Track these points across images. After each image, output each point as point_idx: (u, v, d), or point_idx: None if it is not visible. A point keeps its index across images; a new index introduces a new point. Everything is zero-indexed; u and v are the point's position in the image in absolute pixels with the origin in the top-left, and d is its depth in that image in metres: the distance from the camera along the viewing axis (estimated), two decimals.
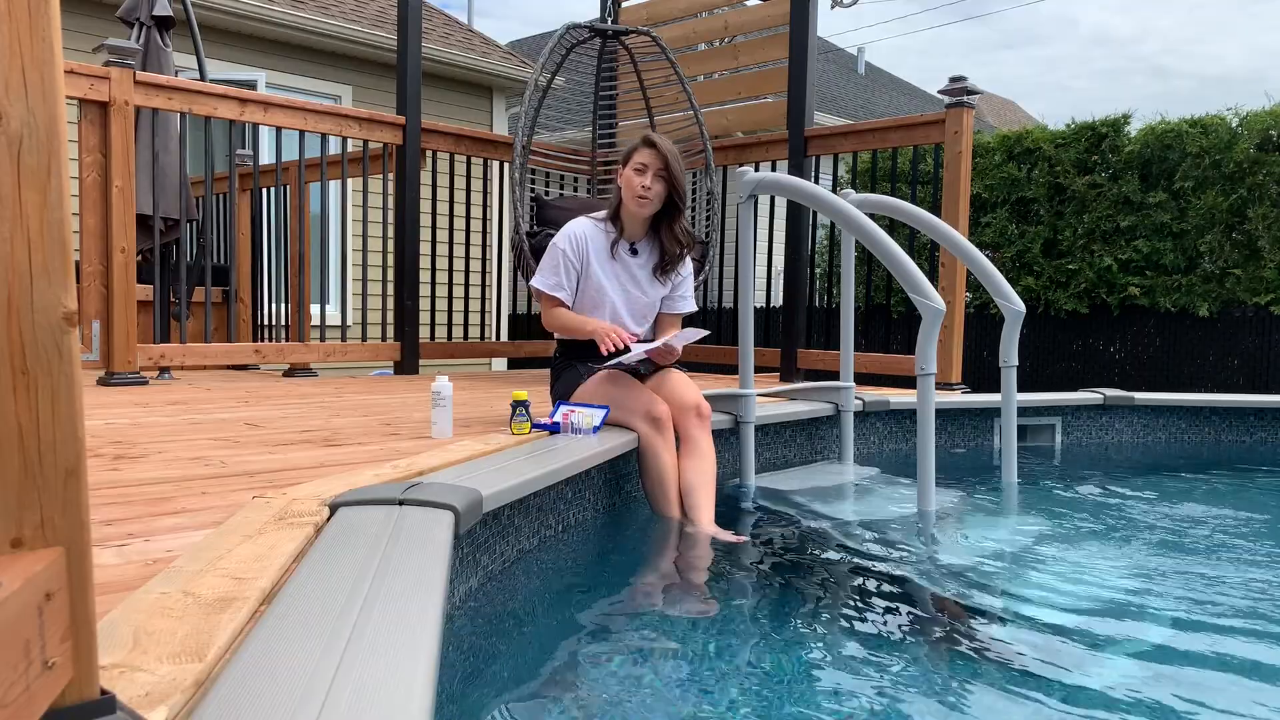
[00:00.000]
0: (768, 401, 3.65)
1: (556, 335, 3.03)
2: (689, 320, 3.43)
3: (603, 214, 2.95)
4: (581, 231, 2.90)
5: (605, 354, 2.72)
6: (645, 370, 2.93)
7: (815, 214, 5.12)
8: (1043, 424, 4.32)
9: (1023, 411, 4.01)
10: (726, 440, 3.18)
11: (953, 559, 2.58)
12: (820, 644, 1.84)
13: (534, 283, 2.93)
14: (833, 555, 2.58)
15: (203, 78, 5.24)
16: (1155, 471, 3.88)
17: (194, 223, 5.48)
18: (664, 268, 2.93)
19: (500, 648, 1.74)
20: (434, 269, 5.40)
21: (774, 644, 1.81)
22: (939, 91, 4.56)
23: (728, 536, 2.59)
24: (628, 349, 2.70)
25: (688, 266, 3.02)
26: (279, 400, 3.71)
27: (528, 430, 2.66)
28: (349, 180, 5.70)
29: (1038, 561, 2.50)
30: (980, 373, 7.04)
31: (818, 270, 5.71)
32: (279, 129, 4.74)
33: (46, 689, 0.77)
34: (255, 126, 4.92)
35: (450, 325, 5.61)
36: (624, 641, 1.79)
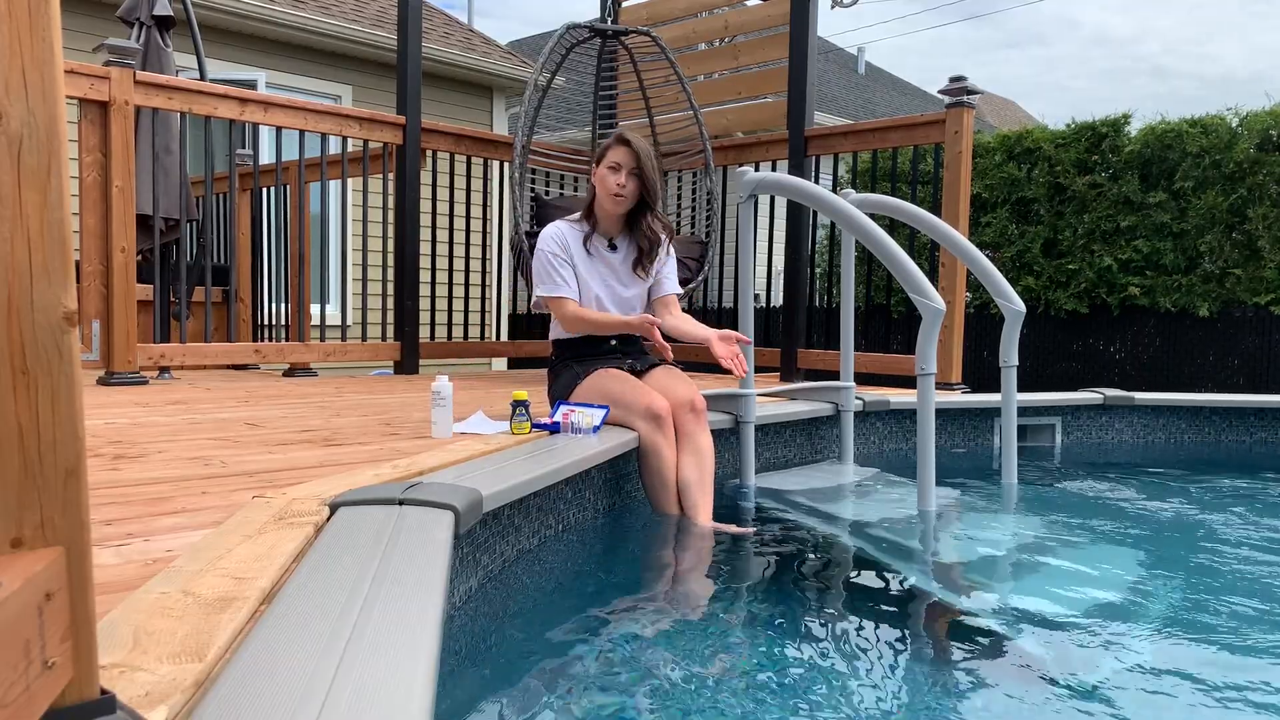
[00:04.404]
0: (768, 401, 3.65)
1: (553, 336, 3.05)
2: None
3: (576, 214, 2.99)
4: (558, 231, 2.97)
5: (655, 343, 2.72)
6: (641, 368, 2.94)
7: (815, 214, 5.12)
8: (1043, 424, 4.32)
9: (1023, 411, 4.01)
10: (726, 440, 3.18)
11: (952, 559, 2.58)
12: (819, 644, 1.84)
13: (538, 294, 2.99)
14: (833, 555, 2.58)
15: (203, 77, 5.23)
16: (1155, 472, 3.88)
17: (194, 222, 5.48)
18: (643, 263, 2.97)
19: (500, 647, 1.74)
20: (434, 269, 5.40)
21: (774, 643, 1.81)
22: (939, 91, 4.56)
23: (731, 529, 2.60)
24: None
25: (669, 253, 3.06)
26: (279, 400, 3.71)
27: (528, 430, 2.66)
28: (349, 180, 5.70)
29: (1037, 562, 2.50)
30: (980, 373, 7.03)
31: (818, 270, 5.71)
32: (279, 129, 4.74)
33: (46, 689, 0.77)
34: (255, 126, 4.92)
35: (450, 325, 5.61)
36: (624, 640, 1.79)
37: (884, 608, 2.10)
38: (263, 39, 8.29)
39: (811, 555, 2.56)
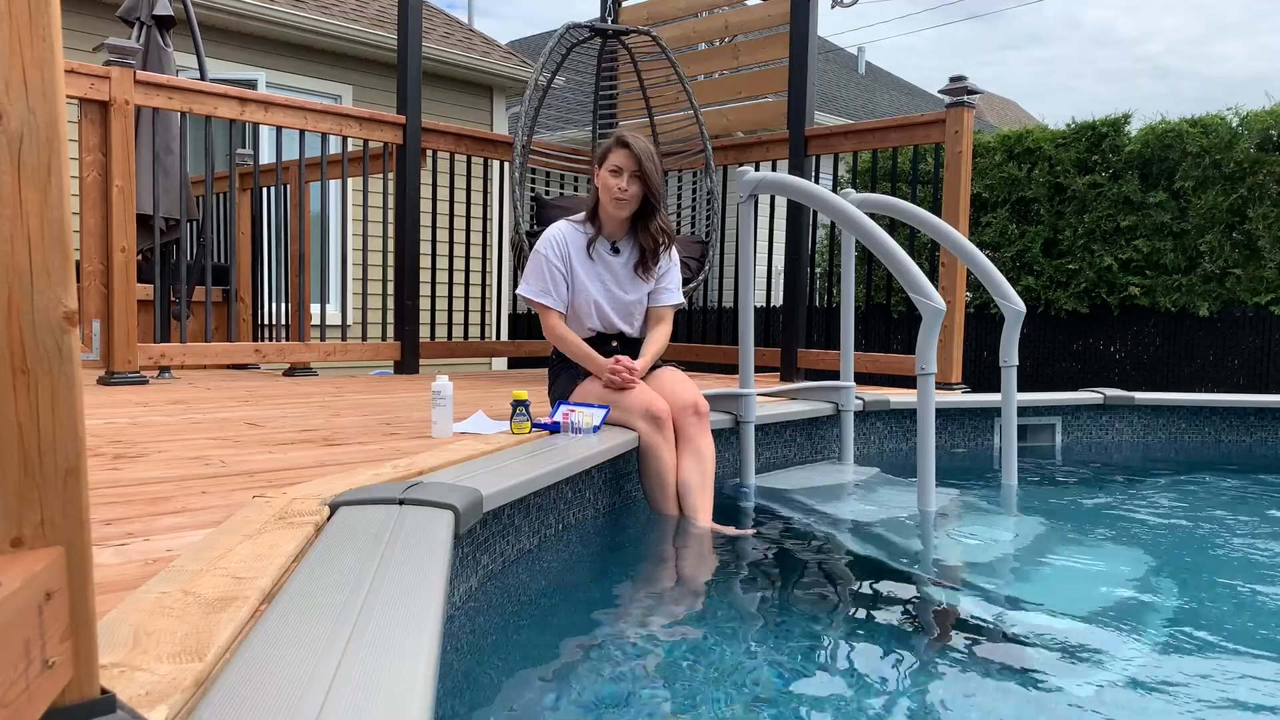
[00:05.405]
0: (768, 401, 3.65)
1: None
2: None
3: (580, 215, 2.97)
4: (560, 234, 2.93)
5: (604, 385, 2.79)
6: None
7: (815, 214, 5.11)
8: (1043, 424, 4.32)
9: (1023, 411, 4.01)
10: (726, 440, 3.18)
11: (952, 559, 2.58)
12: (818, 644, 1.84)
13: (520, 290, 2.94)
14: (832, 555, 2.58)
15: (203, 77, 5.23)
16: (1155, 471, 3.88)
17: (194, 222, 5.48)
18: (645, 265, 2.95)
19: (500, 647, 1.74)
20: (434, 268, 5.40)
21: (773, 643, 1.81)
22: (939, 91, 4.56)
23: (730, 530, 2.60)
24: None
25: (673, 260, 3.03)
26: (279, 399, 3.71)
27: (528, 430, 2.66)
28: (349, 180, 5.70)
29: (1037, 562, 2.50)
30: (980, 373, 7.03)
31: (818, 270, 5.71)
32: (279, 128, 4.73)
33: (46, 688, 0.77)
34: (255, 126, 4.92)
35: (450, 325, 5.61)
36: (624, 640, 1.79)
37: (883, 608, 2.10)
38: (263, 39, 8.29)
39: (811, 556, 2.56)
